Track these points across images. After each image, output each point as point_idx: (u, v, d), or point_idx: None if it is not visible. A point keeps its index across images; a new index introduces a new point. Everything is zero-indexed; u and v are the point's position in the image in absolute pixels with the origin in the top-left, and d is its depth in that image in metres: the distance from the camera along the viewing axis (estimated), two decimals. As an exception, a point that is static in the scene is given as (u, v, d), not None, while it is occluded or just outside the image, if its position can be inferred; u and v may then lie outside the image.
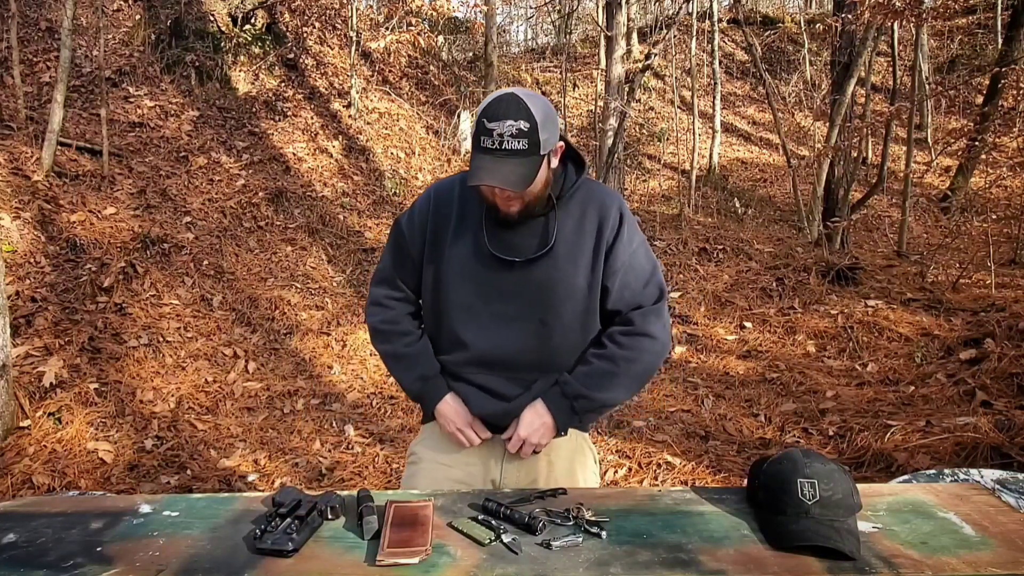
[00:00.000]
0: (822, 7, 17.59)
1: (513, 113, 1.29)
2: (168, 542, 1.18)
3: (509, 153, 1.28)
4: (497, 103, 1.30)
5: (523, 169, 1.30)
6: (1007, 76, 7.04)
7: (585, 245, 1.44)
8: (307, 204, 6.88)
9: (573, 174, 1.48)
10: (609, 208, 1.46)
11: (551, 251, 1.42)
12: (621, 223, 1.45)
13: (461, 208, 1.48)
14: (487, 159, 1.30)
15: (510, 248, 1.43)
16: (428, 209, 1.51)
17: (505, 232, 1.44)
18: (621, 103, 8.02)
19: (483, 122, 1.30)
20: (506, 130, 1.28)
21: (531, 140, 1.29)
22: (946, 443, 3.21)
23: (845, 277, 5.93)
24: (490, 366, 1.47)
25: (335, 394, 4.40)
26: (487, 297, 1.44)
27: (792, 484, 1.20)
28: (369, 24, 10.71)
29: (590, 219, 1.45)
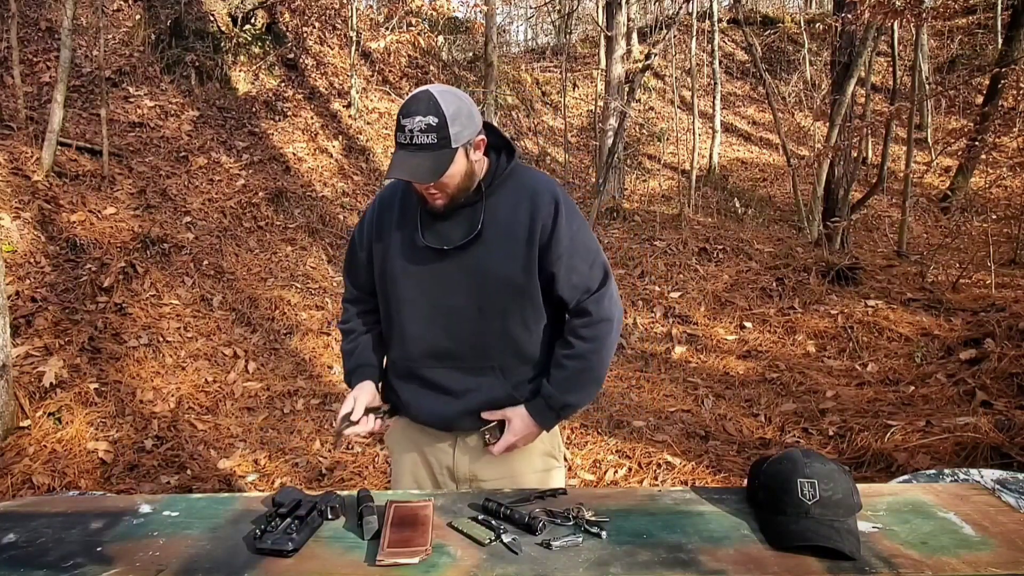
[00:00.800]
0: (822, 7, 17.60)
1: (423, 109, 1.34)
2: (168, 542, 1.18)
3: (419, 147, 1.34)
4: (411, 100, 1.36)
5: (431, 163, 1.34)
6: (1007, 76, 7.04)
7: (518, 231, 1.45)
8: (307, 204, 6.88)
9: (504, 162, 1.51)
10: (541, 194, 1.48)
11: (479, 237, 1.45)
12: (557, 208, 1.47)
13: (402, 207, 1.54)
14: (400, 154, 1.36)
15: (441, 237, 1.47)
16: (374, 213, 1.59)
17: (437, 223, 1.48)
18: (621, 103, 8.02)
19: (399, 118, 1.36)
20: (416, 125, 1.33)
21: (440, 135, 1.33)
22: (946, 443, 3.21)
23: (845, 277, 5.93)
24: (439, 358, 1.51)
25: (335, 394, 4.40)
26: (425, 288, 1.49)
27: (792, 484, 1.20)
28: (369, 24, 10.71)
29: (522, 206, 1.47)
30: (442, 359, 1.51)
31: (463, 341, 1.49)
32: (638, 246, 6.92)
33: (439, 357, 1.51)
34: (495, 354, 1.49)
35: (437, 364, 1.51)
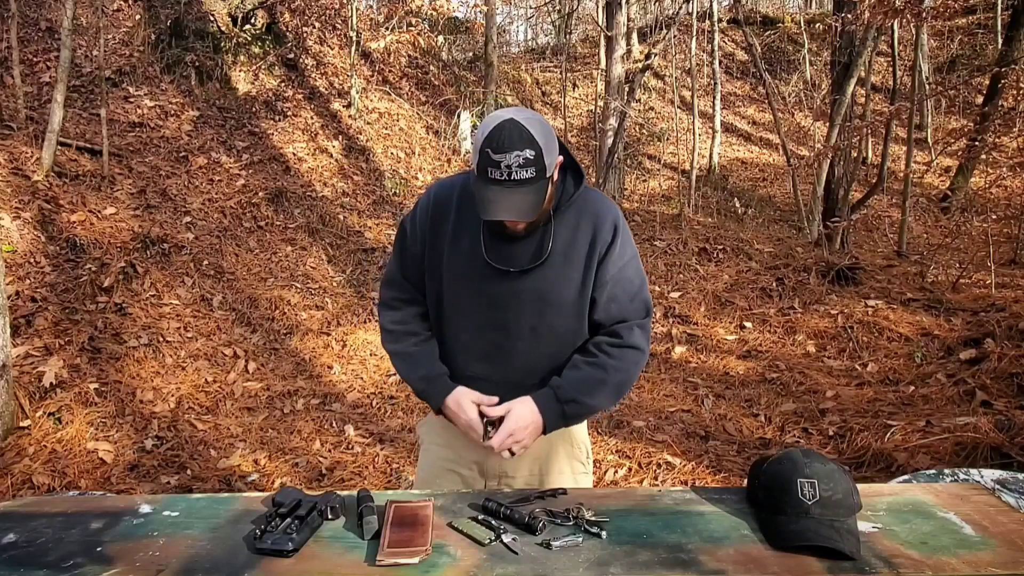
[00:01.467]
0: (822, 7, 17.59)
1: (518, 143, 1.27)
2: (168, 542, 1.18)
3: (519, 183, 1.28)
4: (499, 132, 1.28)
5: (533, 197, 1.30)
6: (1007, 76, 7.04)
7: (578, 257, 1.45)
8: (307, 204, 6.88)
9: (572, 186, 1.49)
10: (604, 220, 1.47)
11: (545, 262, 1.44)
12: (615, 236, 1.47)
13: (459, 212, 1.49)
14: (496, 190, 1.29)
15: (506, 258, 1.44)
16: (428, 209, 1.53)
17: (502, 242, 1.45)
18: (621, 103, 8.03)
19: (488, 153, 1.28)
20: (513, 161, 1.27)
21: (538, 167, 1.29)
22: (946, 443, 3.21)
23: (845, 277, 5.93)
24: (483, 372, 1.51)
25: (335, 394, 4.40)
26: (480, 304, 1.47)
27: (792, 484, 1.20)
28: (369, 24, 10.71)
29: (584, 230, 1.46)
30: (487, 373, 1.50)
31: (511, 359, 1.49)
32: (638, 246, 6.90)
33: (484, 371, 1.50)
34: (539, 373, 1.49)
35: (480, 378, 1.50)
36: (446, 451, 1.60)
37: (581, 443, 1.63)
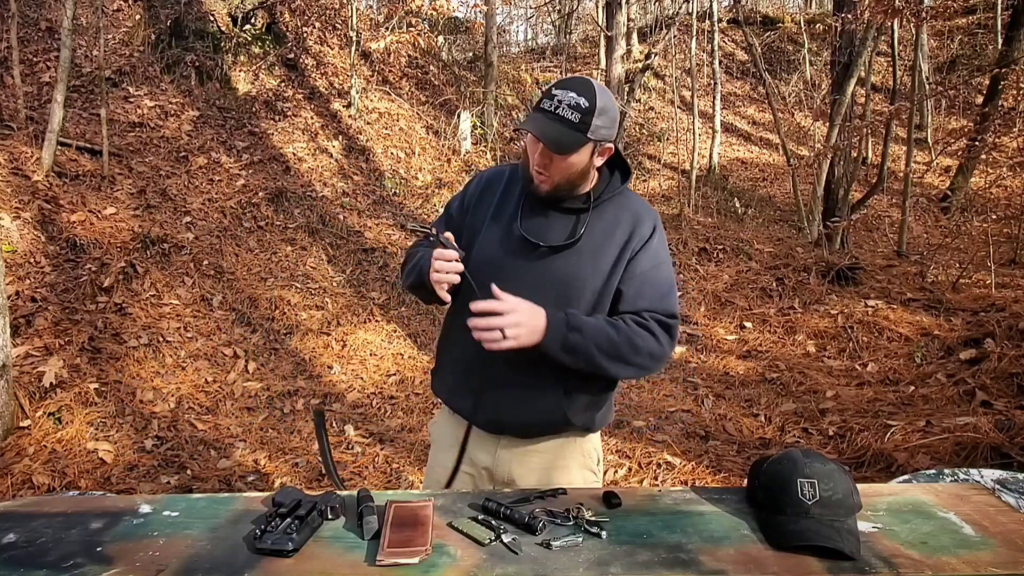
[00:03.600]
0: (822, 7, 17.60)
1: (579, 89, 1.35)
2: (168, 542, 1.18)
3: (560, 119, 1.33)
4: (571, 79, 1.38)
5: (567, 138, 1.34)
6: (1007, 76, 7.04)
7: (611, 249, 1.45)
8: (307, 204, 6.88)
9: (617, 181, 1.51)
10: (643, 219, 1.49)
11: (576, 245, 1.44)
12: (653, 234, 1.48)
13: (505, 192, 1.54)
14: (539, 116, 1.36)
15: (539, 234, 1.45)
16: (477, 188, 1.58)
17: (538, 219, 1.47)
18: (621, 103, 8.02)
19: (551, 89, 1.37)
20: (567, 99, 1.34)
21: (583, 118, 1.33)
22: (946, 443, 3.21)
23: (845, 277, 5.93)
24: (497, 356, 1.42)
25: (335, 394, 4.40)
26: (510, 278, 1.43)
27: (792, 484, 1.20)
28: (369, 24, 10.71)
29: (622, 226, 1.47)
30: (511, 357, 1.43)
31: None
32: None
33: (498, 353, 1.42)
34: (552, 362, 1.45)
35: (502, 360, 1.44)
36: (452, 452, 1.59)
37: (593, 451, 1.61)
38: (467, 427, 1.57)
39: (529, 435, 1.53)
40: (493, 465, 1.55)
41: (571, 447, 1.56)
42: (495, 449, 1.55)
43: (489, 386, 1.49)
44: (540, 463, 1.54)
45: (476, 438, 1.57)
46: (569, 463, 1.56)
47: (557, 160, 1.37)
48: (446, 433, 1.62)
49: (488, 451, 1.56)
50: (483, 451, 1.56)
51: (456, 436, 1.58)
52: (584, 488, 1.52)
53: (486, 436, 1.55)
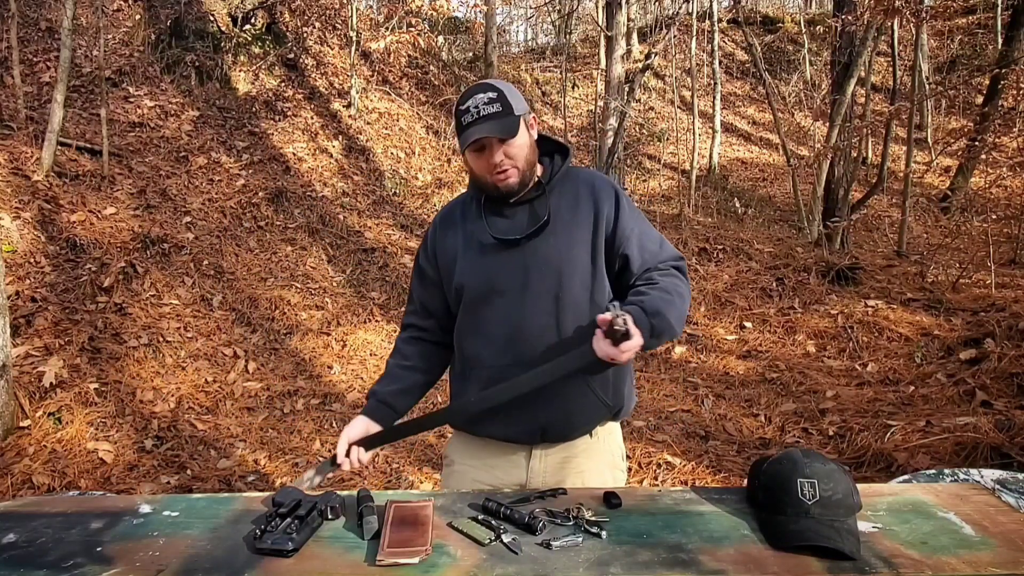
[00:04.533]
0: (822, 7, 17.60)
1: (479, 90, 1.44)
2: (168, 542, 1.18)
3: (487, 117, 1.41)
4: (465, 93, 1.46)
5: (505, 122, 1.41)
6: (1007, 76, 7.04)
7: (582, 220, 1.49)
8: (307, 204, 6.88)
9: (559, 161, 1.56)
10: (602, 185, 1.54)
11: (548, 226, 1.47)
12: (618, 197, 1.52)
13: (462, 216, 1.56)
14: (471, 127, 1.41)
15: (508, 230, 1.48)
16: (434, 232, 1.60)
17: (502, 221, 1.50)
18: (621, 103, 8.03)
19: (458, 109, 1.45)
20: (478, 101, 1.42)
21: (503, 104, 1.42)
22: (946, 443, 3.21)
23: (845, 277, 5.93)
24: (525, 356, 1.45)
25: (335, 394, 4.40)
26: (499, 280, 1.47)
27: (792, 484, 1.20)
28: (369, 24, 10.71)
29: (584, 196, 1.51)
30: (514, 360, 1.46)
31: (545, 334, 1.46)
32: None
33: (510, 359, 1.47)
34: (575, 347, 1.43)
35: (511, 364, 1.46)
36: (482, 473, 1.55)
37: (619, 447, 1.62)
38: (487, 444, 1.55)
39: (566, 434, 1.51)
40: (527, 481, 1.53)
41: (600, 444, 1.56)
42: (526, 463, 1.53)
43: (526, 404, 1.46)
44: (575, 466, 1.53)
45: (502, 452, 1.54)
46: (601, 464, 1.56)
47: (512, 148, 1.44)
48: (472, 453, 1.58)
49: (520, 463, 1.54)
50: (513, 463, 1.54)
51: (483, 456, 1.56)
52: (584, 488, 1.52)
53: (513, 447, 1.53)
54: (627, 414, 1.61)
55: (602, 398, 1.50)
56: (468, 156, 1.48)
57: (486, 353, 1.50)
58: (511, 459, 1.54)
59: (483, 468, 1.56)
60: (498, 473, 1.55)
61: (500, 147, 1.43)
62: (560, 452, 1.53)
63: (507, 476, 1.54)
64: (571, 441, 1.53)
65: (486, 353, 1.50)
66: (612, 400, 1.52)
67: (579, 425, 1.52)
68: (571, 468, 1.53)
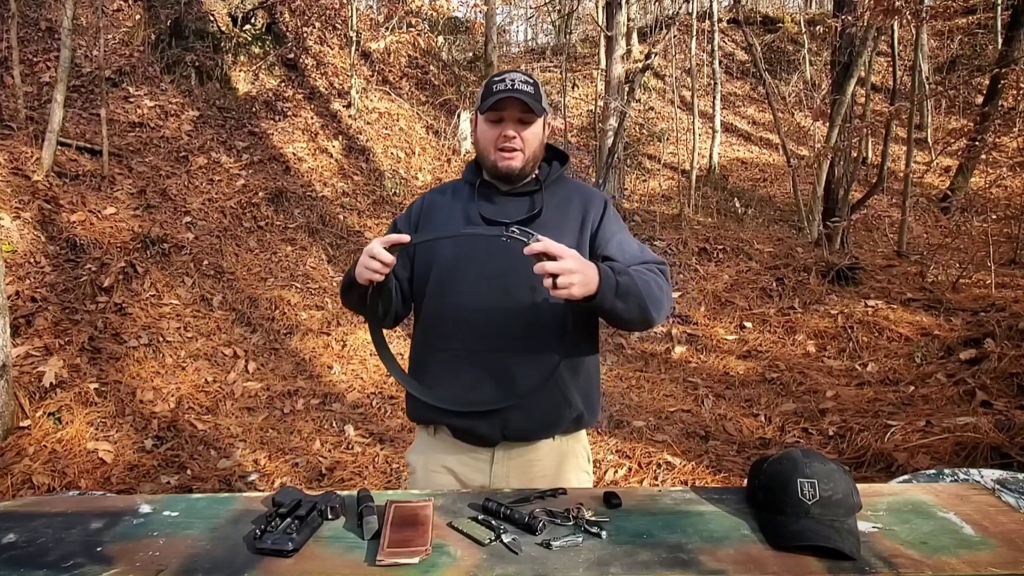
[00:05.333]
0: (822, 7, 17.60)
1: (519, 72, 1.49)
2: (168, 542, 1.18)
3: (520, 91, 1.44)
4: (502, 71, 1.54)
5: (533, 103, 1.44)
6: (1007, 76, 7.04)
7: (571, 223, 1.51)
8: (307, 204, 6.88)
9: (557, 167, 1.60)
10: (593, 195, 1.58)
11: (539, 217, 1.49)
12: (606, 208, 1.55)
13: (453, 194, 1.59)
14: (502, 93, 1.43)
15: (500, 216, 1.50)
16: (423, 202, 1.62)
17: (494, 206, 1.53)
18: (621, 103, 8.03)
19: (492, 79, 1.48)
20: (516, 77, 1.46)
21: (536, 91, 1.46)
22: (946, 443, 3.21)
23: (845, 277, 5.93)
24: (492, 336, 1.44)
25: (335, 394, 4.40)
26: (481, 261, 1.47)
27: (792, 484, 1.20)
28: (369, 24, 10.71)
29: (575, 203, 1.55)
30: (495, 339, 1.44)
31: (516, 320, 1.44)
32: (638, 246, 6.92)
33: (492, 336, 1.44)
34: (546, 336, 1.44)
35: (489, 345, 1.44)
36: (447, 477, 1.53)
37: (584, 449, 1.61)
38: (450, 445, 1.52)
39: (529, 433, 1.49)
40: (490, 485, 1.51)
41: (565, 447, 1.54)
42: (488, 466, 1.51)
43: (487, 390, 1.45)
44: (539, 470, 1.51)
45: (464, 454, 1.52)
46: (567, 467, 1.54)
47: (527, 131, 1.46)
48: (434, 459, 1.56)
49: (482, 468, 1.51)
50: (475, 468, 1.52)
51: (445, 460, 1.53)
52: (584, 488, 1.52)
53: (475, 449, 1.51)
54: (592, 423, 1.59)
55: (569, 398, 1.48)
56: (482, 124, 1.50)
57: (459, 332, 1.47)
58: (473, 462, 1.51)
59: (445, 473, 1.53)
60: (460, 478, 1.53)
61: (518, 125, 1.46)
62: (523, 455, 1.51)
63: (469, 481, 1.52)
64: (534, 443, 1.51)
65: (459, 332, 1.47)
66: (581, 402, 1.50)
67: (543, 423, 1.48)
68: (535, 472, 1.51)
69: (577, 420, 1.53)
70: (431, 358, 1.52)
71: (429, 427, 1.56)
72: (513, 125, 1.46)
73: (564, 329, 1.45)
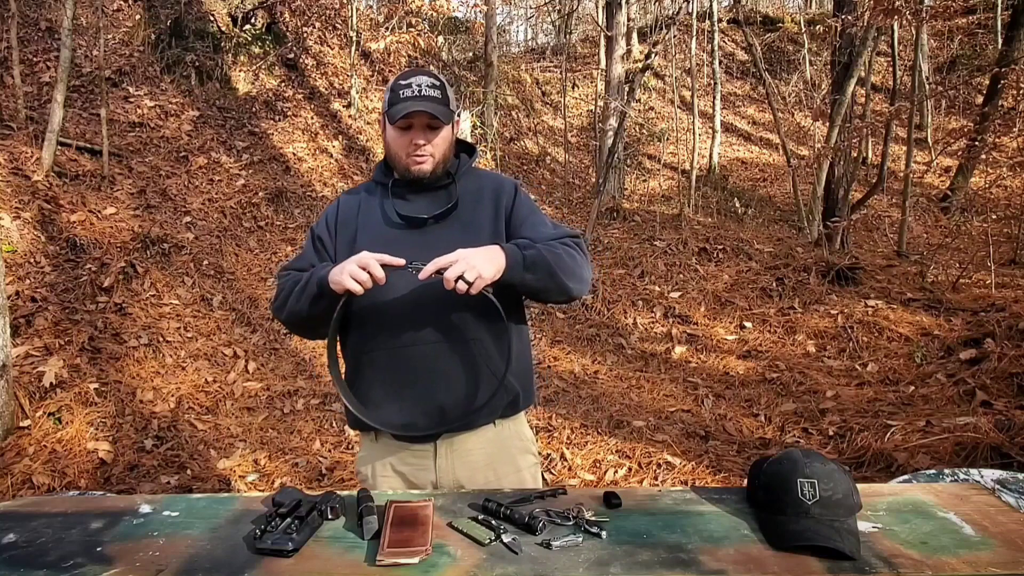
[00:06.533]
0: (822, 7, 17.60)
1: (424, 74, 1.48)
2: (168, 542, 1.18)
3: (427, 98, 1.45)
4: (409, 72, 1.49)
5: (442, 108, 1.46)
6: (1007, 76, 7.04)
7: (485, 212, 1.54)
8: (307, 204, 6.88)
9: (466, 159, 1.62)
10: (503, 182, 1.60)
11: (456, 210, 1.51)
12: (516, 193, 1.58)
13: (367, 195, 1.60)
14: (409, 101, 1.44)
15: (417, 211, 1.52)
16: (338, 206, 1.62)
17: (409, 203, 1.55)
18: (621, 103, 8.03)
19: (398, 83, 1.47)
20: (423, 82, 1.46)
21: (443, 94, 1.48)
22: (946, 443, 3.21)
23: (845, 277, 5.93)
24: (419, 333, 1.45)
25: (335, 394, 4.39)
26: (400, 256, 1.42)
27: (792, 484, 1.20)
28: (369, 24, 10.71)
29: (487, 192, 1.57)
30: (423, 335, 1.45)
31: (443, 312, 1.45)
32: (638, 246, 6.92)
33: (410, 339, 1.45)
34: (472, 326, 1.46)
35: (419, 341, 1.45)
36: (396, 480, 1.54)
37: (526, 436, 1.62)
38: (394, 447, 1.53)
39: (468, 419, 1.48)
40: (437, 480, 1.52)
41: (505, 431, 1.56)
42: (432, 461, 1.52)
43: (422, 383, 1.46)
44: (483, 458, 1.53)
45: (407, 453, 1.53)
46: (508, 451, 1.56)
47: (435, 137, 1.48)
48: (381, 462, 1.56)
49: (426, 464, 1.52)
50: (420, 467, 1.53)
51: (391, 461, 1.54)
52: (585, 490, 1.52)
53: (417, 447, 1.52)
54: (529, 404, 1.61)
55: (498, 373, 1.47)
56: (391, 131, 1.50)
57: (382, 334, 1.47)
58: (417, 460, 1.52)
59: (393, 476, 1.55)
60: (408, 478, 1.54)
61: (426, 132, 1.47)
62: (464, 443, 1.52)
63: (416, 479, 1.53)
64: (473, 431, 1.52)
65: (382, 334, 1.47)
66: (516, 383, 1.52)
67: (480, 406, 1.47)
68: (479, 460, 1.52)
69: (513, 403, 1.54)
70: (361, 359, 1.52)
71: (370, 433, 1.57)
72: (422, 132, 1.47)
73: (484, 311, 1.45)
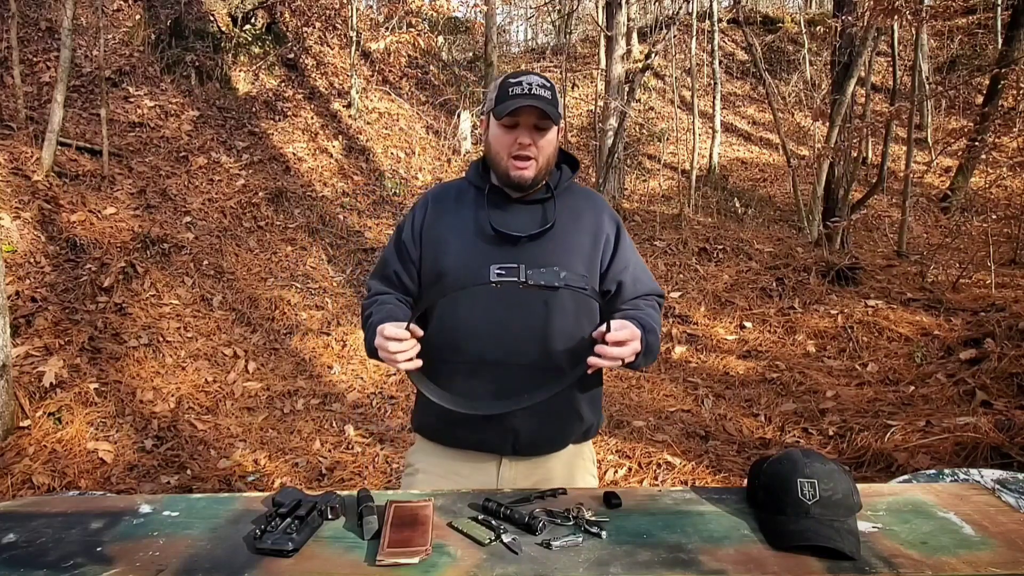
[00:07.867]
0: (822, 7, 17.59)
1: (536, 75, 1.42)
2: (168, 542, 1.18)
3: (538, 97, 1.38)
4: (518, 71, 1.44)
5: (550, 110, 1.38)
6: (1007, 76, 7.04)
7: (583, 235, 1.48)
8: (307, 204, 6.88)
9: (567, 172, 1.56)
10: (605, 210, 1.55)
11: (553, 230, 1.44)
12: (619, 227, 1.53)
13: (459, 197, 1.52)
14: (520, 98, 1.37)
15: (512, 227, 1.44)
16: (426, 206, 1.54)
17: (505, 214, 1.46)
18: (621, 103, 8.02)
19: (507, 80, 1.41)
20: (535, 81, 1.39)
21: (553, 96, 1.41)
22: (946, 443, 3.21)
23: (845, 277, 5.93)
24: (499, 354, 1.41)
25: (335, 394, 4.40)
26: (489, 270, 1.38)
27: (792, 484, 1.20)
28: (369, 24, 10.72)
29: (587, 215, 1.50)
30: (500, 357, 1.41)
31: (528, 336, 1.41)
32: (638, 246, 6.91)
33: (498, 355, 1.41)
34: (556, 353, 1.41)
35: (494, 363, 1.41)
36: (446, 481, 1.48)
37: (590, 454, 1.61)
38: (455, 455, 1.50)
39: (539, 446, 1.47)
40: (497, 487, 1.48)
41: (576, 456, 1.54)
42: (498, 467, 1.49)
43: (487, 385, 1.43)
44: (548, 475, 1.50)
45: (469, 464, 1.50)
46: (576, 468, 1.54)
47: (542, 139, 1.41)
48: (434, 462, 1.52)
49: (489, 473, 1.49)
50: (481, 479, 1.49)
51: (447, 464, 1.51)
52: (585, 488, 1.52)
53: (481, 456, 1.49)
54: (597, 432, 1.60)
55: (580, 411, 1.48)
56: (495, 129, 1.42)
57: (467, 345, 1.43)
58: (480, 468, 1.49)
59: (448, 476, 1.50)
60: (465, 480, 1.48)
61: (533, 132, 1.40)
62: (531, 464, 1.49)
63: (475, 479, 1.48)
64: (544, 456, 1.50)
65: (467, 345, 1.43)
66: (591, 413, 1.52)
67: (553, 437, 1.48)
68: (545, 476, 1.50)
69: (587, 432, 1.54)
70: (439, 369, 1.45)
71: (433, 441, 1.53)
72: (529, 132, 1.40)
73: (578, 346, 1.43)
